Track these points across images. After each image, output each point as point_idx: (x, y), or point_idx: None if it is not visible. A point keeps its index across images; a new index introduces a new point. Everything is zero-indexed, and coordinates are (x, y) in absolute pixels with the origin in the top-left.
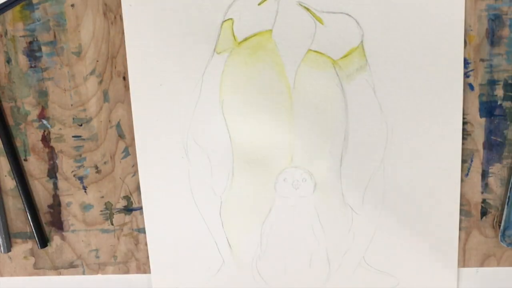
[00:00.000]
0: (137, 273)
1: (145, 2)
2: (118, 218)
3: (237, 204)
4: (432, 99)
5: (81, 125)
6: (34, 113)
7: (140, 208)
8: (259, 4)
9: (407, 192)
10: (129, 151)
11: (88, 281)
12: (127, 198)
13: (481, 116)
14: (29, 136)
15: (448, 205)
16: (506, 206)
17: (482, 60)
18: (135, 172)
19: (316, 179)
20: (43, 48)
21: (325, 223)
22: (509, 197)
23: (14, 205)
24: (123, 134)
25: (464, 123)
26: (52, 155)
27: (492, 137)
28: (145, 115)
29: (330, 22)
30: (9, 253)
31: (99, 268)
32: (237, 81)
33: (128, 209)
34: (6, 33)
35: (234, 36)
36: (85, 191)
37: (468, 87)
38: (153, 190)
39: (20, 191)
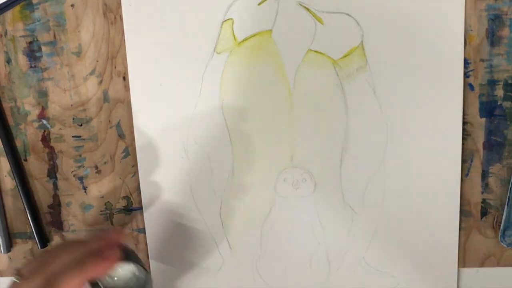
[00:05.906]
0: None
1: (145, 2)
2: (118, 218)
3: (237, 204)
4: (432, 99)
5: (81, 125)
6: (34, 113)
7: (140, 208)
8: (259, 4)
9: (407, 192)
10: (129, 151)
11: None
12: (127, 198)
13: (481, 116)
14: (29, 136)
15: (448, 205)
16: (506, 206)
17: (482, 60)
18: (135, 172)
19: (316, 179)
20: (43, 48)
21: (325, 223)
22: (509, 197)
23: (14, 205)
24: (123, 134)
25: (464, 123)
26: (52, 155)
27: (492, 137)
28: (145, 115)
29: (330, 22)
30: (9, 253)
31: None
32: (237, 81)
33: (128, 209)
34: (6, 33)
35: (234, 36)
36: (85, 191)
37: (468, 87)
38: (153, 190)
39: (20, 191)
